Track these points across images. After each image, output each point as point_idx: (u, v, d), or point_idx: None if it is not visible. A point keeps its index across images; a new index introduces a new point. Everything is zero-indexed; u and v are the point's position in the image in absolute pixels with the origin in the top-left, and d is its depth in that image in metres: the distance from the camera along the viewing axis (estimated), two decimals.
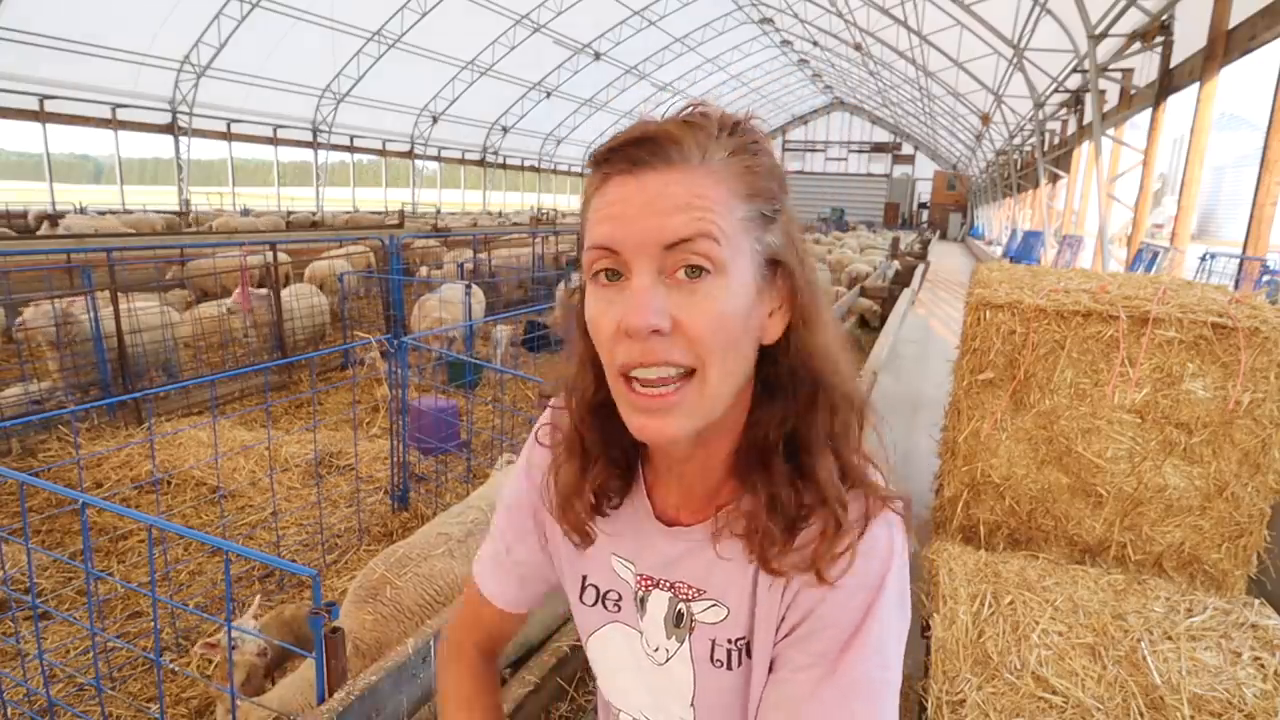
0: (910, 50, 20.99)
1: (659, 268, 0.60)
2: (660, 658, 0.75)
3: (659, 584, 0.74)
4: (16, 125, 18.69)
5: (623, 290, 0.61)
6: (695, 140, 0.61)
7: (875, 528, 0.65)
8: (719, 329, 0.60)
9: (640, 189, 0.60)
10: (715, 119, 0.64)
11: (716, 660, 0.71)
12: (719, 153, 0.62)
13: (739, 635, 0.70)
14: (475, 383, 7.11)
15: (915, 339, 8.65)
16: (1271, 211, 7.34)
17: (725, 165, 0.62)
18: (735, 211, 0.61)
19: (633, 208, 0.60)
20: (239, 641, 2.43)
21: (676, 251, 0.59)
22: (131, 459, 5.00)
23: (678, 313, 0.60)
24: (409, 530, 4.23)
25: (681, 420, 0.62)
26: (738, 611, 0.70)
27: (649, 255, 0.60)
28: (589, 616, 0.81)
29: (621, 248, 0.60)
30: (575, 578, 0.82)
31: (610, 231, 0.61)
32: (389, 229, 16.67)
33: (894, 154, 52.15)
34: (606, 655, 0.82)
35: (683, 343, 0.60)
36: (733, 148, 0.63)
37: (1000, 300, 2.78)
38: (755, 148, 0.65)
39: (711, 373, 0.61)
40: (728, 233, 0.60)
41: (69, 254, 7.15)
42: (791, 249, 0.66)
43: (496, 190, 37.69)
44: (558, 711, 2.65)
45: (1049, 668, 2.03)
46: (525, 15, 26.08)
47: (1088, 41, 11.55)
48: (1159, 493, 2.65)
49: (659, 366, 0.60)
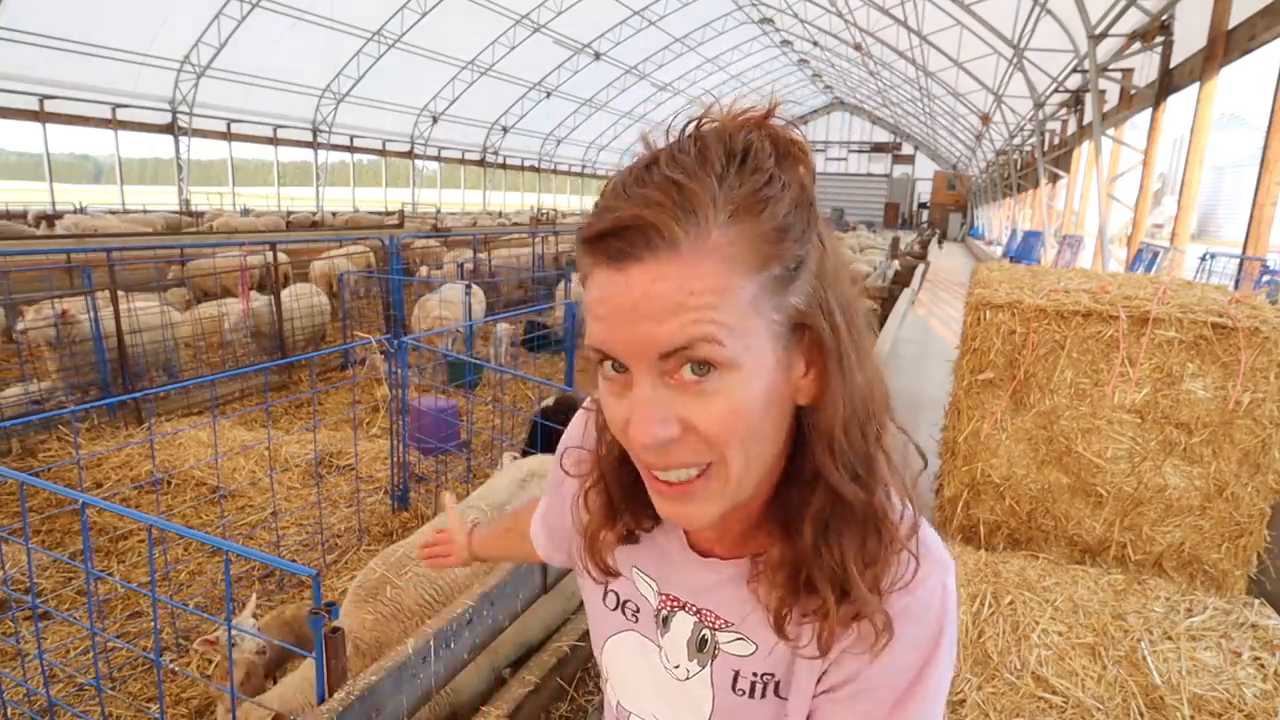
0: (910, 50, 21.00)
1: (659, 372, 0.55)
2: (680, 674, 0.74)
3: (685, 606, 0.73)
4: (16, 125, 18.69)
5: (629, 387, 0.57)
6: (682, 218, 0.52)
7: (930, 581, 0.61)
8: (733, 425, 0.55)
9: (626, 288, 0.53)
10: (716, 159, 0.54)
11: (739, 690, 0.70)
12: (717, 220, 0.53)
13: (766, 671, 0.68)
14: (475, 383, 7.11)
15: (915, 339, 8.65)
16: (1271, 211, 7.34)
17: (726, 238, 0.53)
18: (743, 292, 0.53)
19: (620, 312, 0.54)
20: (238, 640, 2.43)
21: (674, 358, 0.54)
22: (131, 459, 5.00)
23: (686, 413, 0.55)
24: (409, 530, 4.23)
25: (706, 508, 0.59)
26: (767, 649, 0.68)
27: (645, 363, 0.55)
28: (608, 619, 0.80)
29: (615, 354, 0.56)
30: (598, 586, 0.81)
31: (602, 335, 0.56)
32: (389, 229, 16.68)
33: (894, 154, 52.16)
34: (622, 661, 0.81)
35: (696, 442, 0.56)
36: (736, 205, 0.54)
37: (1000, 300, 2.78)
38: (766, 193, 0.54)
39: (733, 465, 0.57)
40: (733, 324, 0.53)
41: (69, 254, 7.16)
42: (820, 295, 0.57)
43: (496, 190, 37.69)
44: (558, 711, 2.65)
45: (1049, 668, 2.03)
46: (525, 15, 26.08)
47: (1088, 41, 11.55)
48: (1159, 493, 2.65)
49: (676, 470, 0.58)
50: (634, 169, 0.57)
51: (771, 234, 0.54)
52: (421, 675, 1.92)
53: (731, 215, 0.53)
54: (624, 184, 0.56)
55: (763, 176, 0.55)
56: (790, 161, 0.57)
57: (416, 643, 1.91)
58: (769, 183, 0.55)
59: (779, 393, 0.57)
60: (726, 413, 0.55)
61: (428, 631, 1.96)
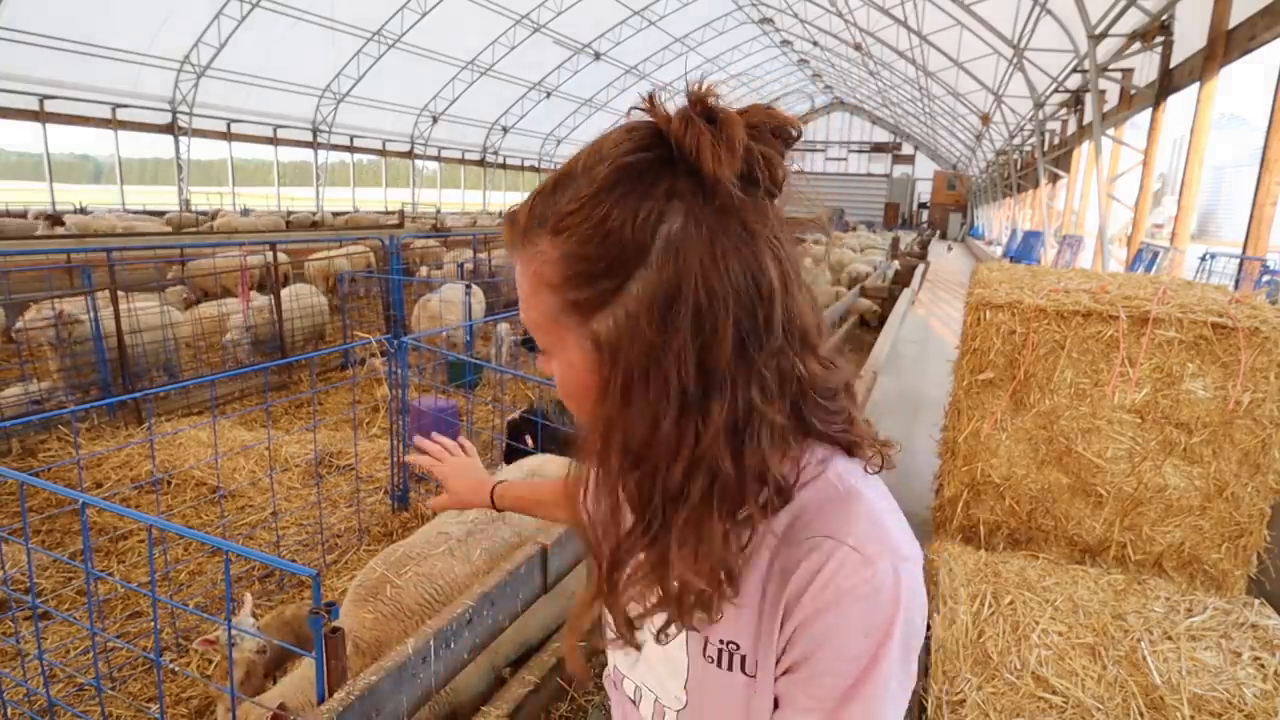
0: (910, 50, 21.00)
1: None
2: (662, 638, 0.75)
3: None
4: (16, 125, 18.69)
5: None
6: (525, 225, 0.63)
7: (880, 565, 0.60)
8: (568, 398, 0.67)
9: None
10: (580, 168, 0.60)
11: (708, 656, 0.71)
12: (543, 235, 0.61)
13: (730, 639, 0.69)
14: (475, 383, 7.11)
15: (915, 339, 8.65)
16: (1271, 211, 7.34)
17: (544, 252, 0.61)
18: (546, 302, 0.62)
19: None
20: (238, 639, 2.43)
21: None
22: (131, 459, 5.00)
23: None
24: (409, 530, 4.23)
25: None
26: (730, 617, 0.68)
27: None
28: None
29: None
30: None
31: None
32: (389, 229, 16.67)
33: (894, 154, 52.15)
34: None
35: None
36: (555, 222, 0.60)
37: (1000, 300, 2.78)
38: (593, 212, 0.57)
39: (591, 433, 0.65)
40: (542, 325, 0.64)
41: (69, 254, 7.16)
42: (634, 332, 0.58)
43: (496, 190, 37.70)
44: (558, 711, 2.65)
45: (1049, 668, 2.03)
46: (525, 15, 26.08)
47: (1088, 41, 11.55)
48: (1159, 493, 2.65)
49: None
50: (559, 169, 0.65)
51: (570, 259, 0.59)
52: (421, 675, 1.92)
53: (552, 231, 0.60)
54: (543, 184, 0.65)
55: (590, 190, 0.58)
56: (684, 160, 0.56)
57: (416, 643, 1.91)
58: (595, 201, 0.57)
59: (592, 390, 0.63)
60: (559, 385, 0.67)
61: (428, 631, 1.96)
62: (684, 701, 0.75)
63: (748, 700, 0.69)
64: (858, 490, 0.65)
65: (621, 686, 0.84)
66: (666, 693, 0.77)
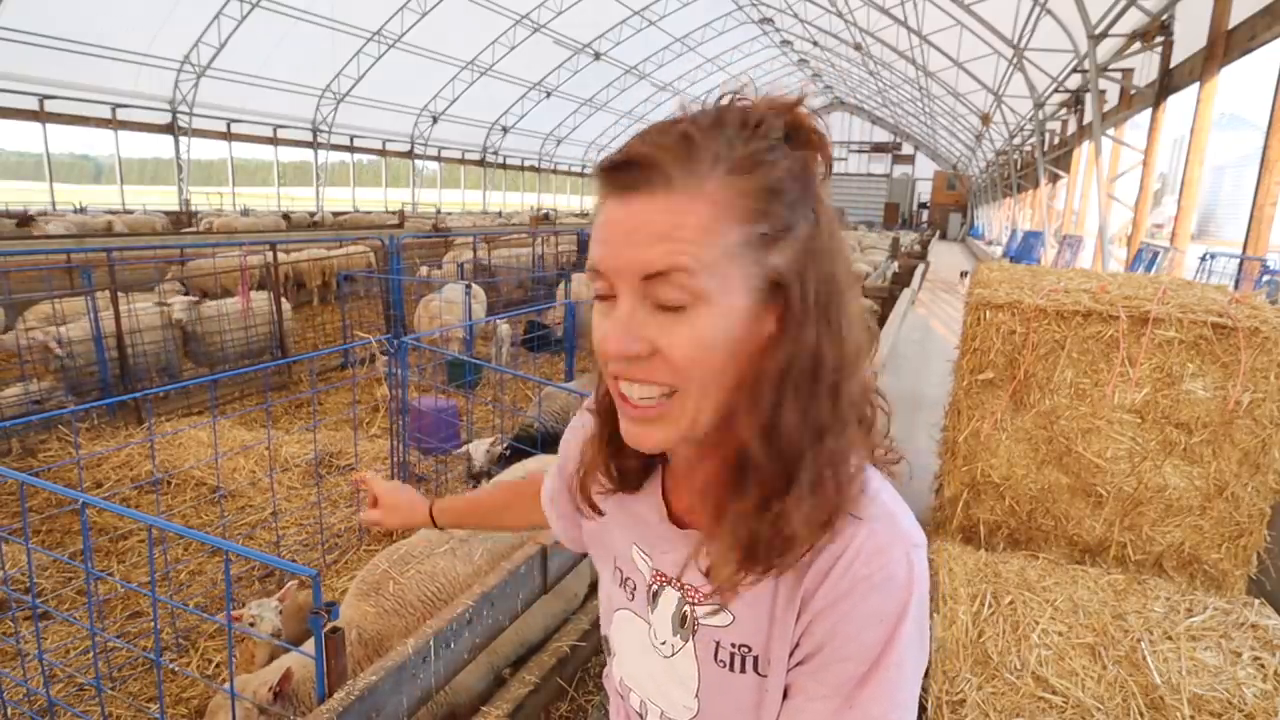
0: (910, 50, 20.99)
1: (641, 294, 0.61)
2: (667, 651, 0.76)
3: (671, 582, 0.76)
4: (16, 125, 18.66)
5: (612, 310, 0.63)
6: (684, 162, 0.59)
7: (893, 551, 0.63)
8: (698, 358, 0.61)
9: (626, 216, 0.61)
10: (730, 123, 0.61)
11: (720, 661, 0.72)
12: (715, 173, 0.59)
13: (742, 642, 0.70)
14: (475, 383, 7.11)
15: (915, 339, 8.65)
16: (1271, 211, 7.34)
17: (720, 188, 0.59)
18: (726, 236, 0.59)
19: (617, 234, 0.61)
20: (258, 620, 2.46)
21: (654, 283, 0.60)
22: (131, 459, 5.00)
23: (659, 338, 0.61)
24: (409, 530, 4.23)
25: (662, 433, 0.64)
26: (744, 620, 0.69)
27: (629, 284, 0.61)
28: (616, 594, 0.84)
29: (607, 272, 0.62)
30: (607, 558, 0.85)
31: (598, 254, 0.63)
32: (389, 229, 16.67)
33: (894, 154, 52.13)
34: (623, 637, 0.84)
35: (663, 366, 0.61)
36: (735, 162, 0.60)
37: (1000, 300, 2.78)
38: (763, 157, 0.61)
39: (690, 397, 0.62)
40: (709, 263, 0.59)
41: (69, 254, 7.16)
42: (801, 265, 0.62)
43: (496, 190, 37.69)
44: (558, 711, 2.65)
45: (1049, 668, 2.03)
46: (525, 15, 26.07)
47: (1088, 41, 11.55)
48: (1159, 493, 2.65)
49: (641, 384, 0.63)
50: (660, 123, 0.64)
51: (762, 193, 0.60)
52: (421, 675, 1.92)
53: (729, 170, 0.60)
54: (646, 132, 0.63)
55: (764, 144, 0.61)
56: (800, 143, 0.64)
57: (416, 643, 1.91)
58: (770, 150, 0.61)
59: (744, 341, 0.62)
60: (691, 343, 0.60)
61: (428, 631, 1.96)
62: (695, 709, 0.75)
63: (759, 699, 0.70)
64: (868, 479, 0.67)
65: (628, 699, 0.84)
66: (674, 704, 0.77)
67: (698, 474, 0.73)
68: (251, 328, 7.34)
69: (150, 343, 6.33)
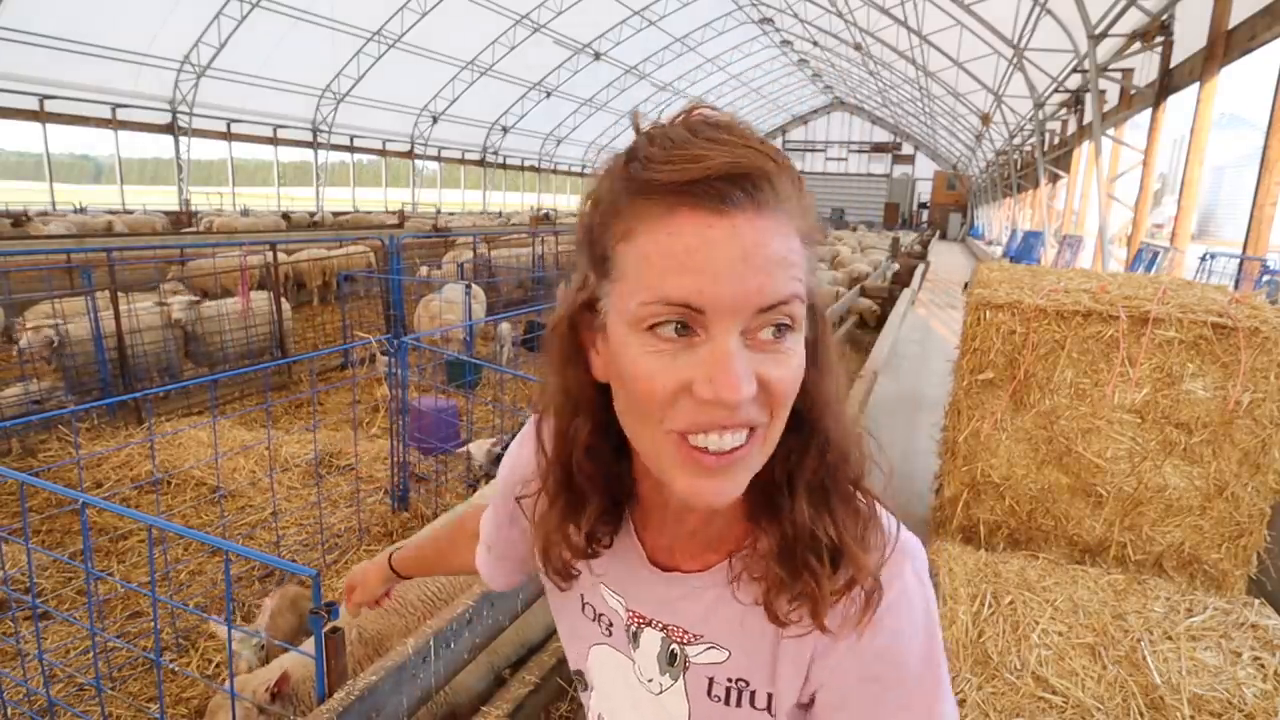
0: (910, 50, 20.99)
1: (743, 329, 0.53)
2: (654, 688, 0.73)
3: (651, 623, 0.72)
4: (16, 125, 18.65)
5: (692, 348, 0.53)
6: (782, 177, 0.54)
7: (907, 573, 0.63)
8: (794, 386, 0.56)
9: (732, 236, 0.51)
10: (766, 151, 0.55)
11: (715, 696, 0.69)
12: (792, 191, 0.55)
13: (739, 676, 0.68)
14: (475, 383, 7.10)
15: (915, 339, 8.65)
16: (1271, 211, 7.34)
17: (797, 207, 0.55)
18: (809, 262, 0.56)
19: (725, 261, 0.51)
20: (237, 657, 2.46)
21: (768, 313, 0.53)
22: (131, 459, 5.00)
23: (760, 370, 0.54)
24: (409, 530, 4.24)
25: (741, 478, 0.57)
26: (741, 654, 0.67)
27: (739, 318, 0.52)
28: (590, 628, 0.79)
29: (707, 307, 0.52)
30: (573, 594, 0.79)
31: (696, 286, 0.51)
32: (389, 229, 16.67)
33: (894, 154, 52.11)
34: (601, 672, 0.80)
35: (762, 400, 0.55)
36: (793, 181, 0.56)
37: (1000, 300, 2.78)
38: (802, 179, 0.57)
39: (775, 428, 0.57)
40: (809, 287, 0.55)
41: (69, 254, 7.16)
42: (817, 284, 0.60)
43: (496, 190, 37.68)
44: (558, 711, 2.65)
45: (1049, 668, 2.03)
46: (525, 15, 26.06)
47: (1088, 41, 11.55)
48: (1159, 493, 2.65)
49: (733, 432, 0.54)
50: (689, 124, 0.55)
51: (814, 212, 0.57)
52: (421, 675, 1.92)
53: (797, 189, 0.55)
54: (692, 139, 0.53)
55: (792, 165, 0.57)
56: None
57: (416, 643, 1.91)
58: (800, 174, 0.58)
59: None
60: (795, 371, 0.55)
61: (428, 631, 1.96)
62: None
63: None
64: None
65: None
66: None
67: (691, 516, 0.67)
68: (251, 328, 7.34)
69: (150, 343, 6.33)
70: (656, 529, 0.71)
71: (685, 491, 0.57)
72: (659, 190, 0.53)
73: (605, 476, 0.67)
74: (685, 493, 0.57)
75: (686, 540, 0.69)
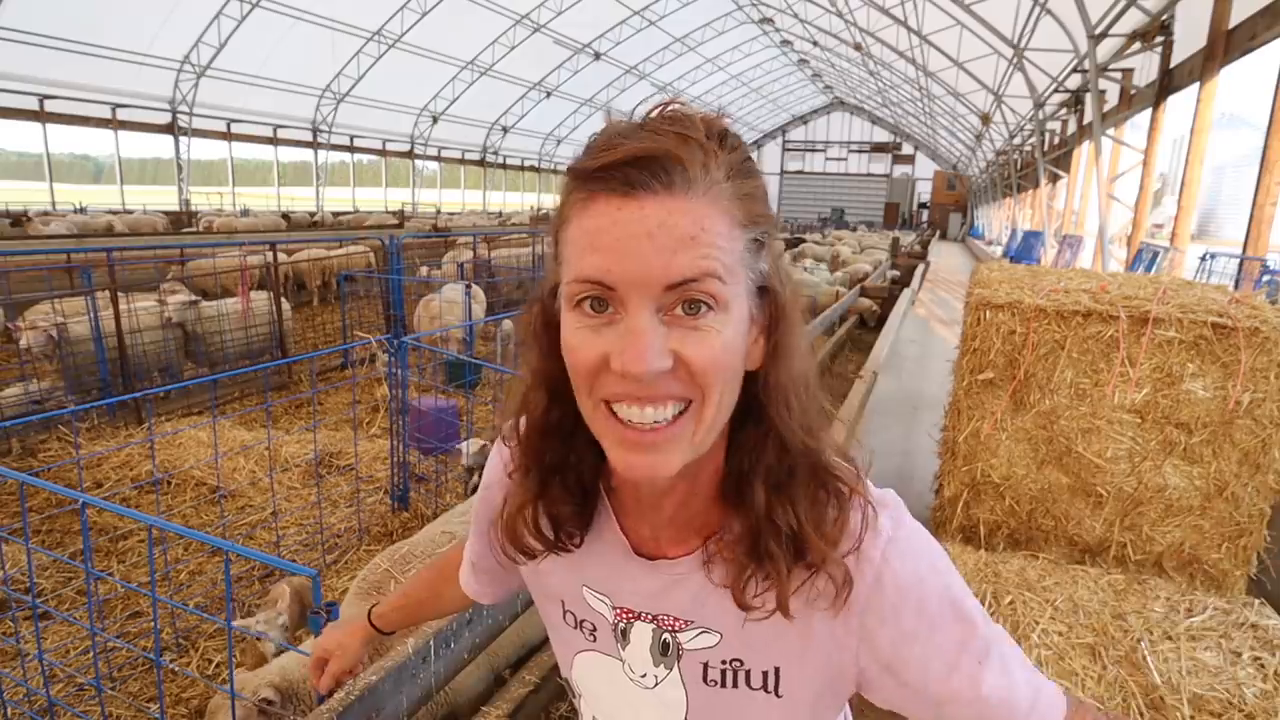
0: (910, 50, 20.99)
1: (657, 305, 0.55)
2: (648, 683, 0.73)
3: (640, 616, 0.72)
4: (16, 125, 18.68)
5: (612, 323, 0.56)
6: (699, 161, 0.56)
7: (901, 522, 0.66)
8: (719, 364, 0.57)
9: (639, 218, 0.54)
10: (702, 127, 0.58)
11: (710, 681, 0.70)
12: (719, 175, 0.57)
13: (733, 657, 0.69)
14: (475, 383, 7.10)
15: (915, 339, 8.65)
16: (1271, 211, 7.34)
17: (725, 190, 0.57)
18: (736, 242, 0.57)
19: (630, 240, 0.54)
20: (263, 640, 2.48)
21: (678, 290, 0.55)
22: (131, 459, 5.00)
23: (678, 348, 0.56)
24: (409, 530, 4.23)
25: (674, 456, 0.59)
26: (732, 636, 0.68)
27: (649, 294, 0.55)
28: (574, 636, 0.79)
29: (617, 284, 0.55)
30: (554, 602, 0.80)
31: (603, 264, 0.55)
32: (389, 229, 16.67)
33: (894, 154, 52.14)
34: (590, 678, 0.80)
35: (683, 376, 0.57)
36: (730, 167, 0.58)
37: (1000, 300, 2.78)
38: (748, 166, 0.60)
39: (709, 407, 0.58)
40: (730, 268, 0.56)
41: (69, 254, 7.16)
42: (776, 273, 0.62)
43: (496, 190, 37.69)
44: (558, 711, 2.65)
45: (1049, 668, 2.03)
46: (525, 15, 26.07)
47: (1088, 41, 11.55)
48: (1159, 493, 2.65)
49: (656, 406, 0.57)
50: (625, 123, 0.60)
51: (756, 199, 0.60)
52: (421, 675, 1.92)
53: (728, 175, 0.58)
54: (620, 130, 0.58)
55: (743, 154, 0.60)
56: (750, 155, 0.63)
57: (416, 643, 1.91)
58: (747, 159, 0.61)
59: (744, 348, 0.60)
60: (715, 350, 0.57)
61: (428, 631, 1.96)
62: None
63: (745, 703, 0.69)
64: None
65: None
66: None
67: (668, 501, 0.67)
68: (252, 328, 7.34)
69: (150, 343, 6.33)
70: (637, 517, 0.72)
71: (619, 465, 0.60)
72: (581, 178, 0.58)
73: (563, 456, 0.69)
74: (619, 466, 0.60)
75: (666, 526, 0.70)
